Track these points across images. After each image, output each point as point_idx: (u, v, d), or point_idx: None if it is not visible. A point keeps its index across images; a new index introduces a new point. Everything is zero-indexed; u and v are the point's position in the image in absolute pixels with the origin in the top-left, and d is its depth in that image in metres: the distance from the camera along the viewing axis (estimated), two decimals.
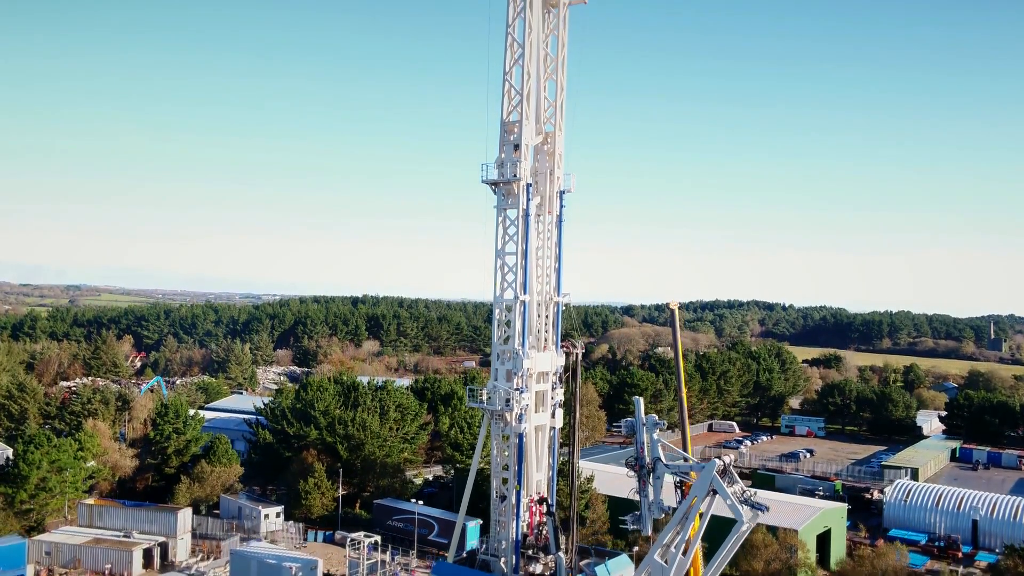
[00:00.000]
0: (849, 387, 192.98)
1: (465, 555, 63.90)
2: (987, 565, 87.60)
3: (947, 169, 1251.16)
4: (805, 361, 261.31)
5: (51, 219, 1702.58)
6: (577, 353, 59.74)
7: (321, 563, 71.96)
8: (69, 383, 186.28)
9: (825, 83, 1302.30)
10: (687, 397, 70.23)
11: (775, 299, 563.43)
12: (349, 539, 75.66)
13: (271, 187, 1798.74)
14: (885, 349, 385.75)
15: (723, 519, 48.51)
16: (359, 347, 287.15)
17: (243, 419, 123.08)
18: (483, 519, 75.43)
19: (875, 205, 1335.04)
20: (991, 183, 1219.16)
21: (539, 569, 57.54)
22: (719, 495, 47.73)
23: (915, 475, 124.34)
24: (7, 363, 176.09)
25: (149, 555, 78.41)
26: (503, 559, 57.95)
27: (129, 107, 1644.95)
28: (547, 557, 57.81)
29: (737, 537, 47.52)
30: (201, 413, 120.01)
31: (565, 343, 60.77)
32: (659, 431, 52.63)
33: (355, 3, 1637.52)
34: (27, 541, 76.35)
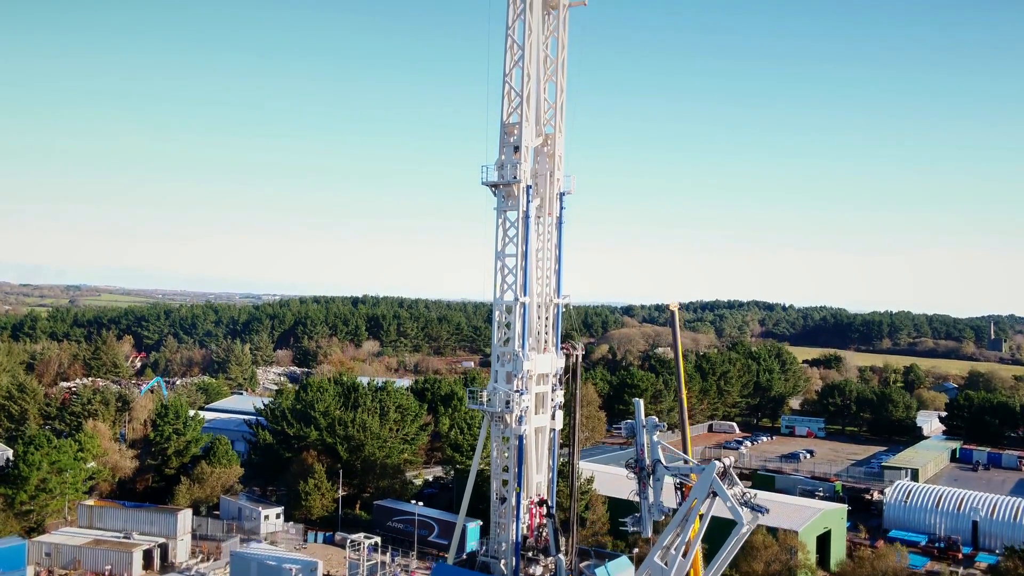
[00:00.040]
0: (849, 388, 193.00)
1: (465, 557, 63.88)
2: (987, 566, 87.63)
3: (947, 169, 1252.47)
4: (805, 361, 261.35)
5: (51, 219, 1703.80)
6: (577, 355, 59.71)
7: (321, 565, 71.97)
8: (69, 384, 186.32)
9: (825, 83, 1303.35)
10: (687, 398, 70.22)
11: (775, 299, 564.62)
12: (349, 540, 75.67)
13: (271, 187, 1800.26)
14: (885, 349, 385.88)
15: (723, 520, 48.50)
16: (359, 347, 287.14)
17: (243, 420, 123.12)
18: (483, 520, 75.43)
19: (875, 205, 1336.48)
20: (991, 183, 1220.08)
21: (539, 571, 57.55)
22: (719, 497, 47.78)
23: (915, 476, 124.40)
24: (7, 363, 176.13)
25: (149, 556, 78.46)
26: (503, 561, 57.95)
27: (129, 107, 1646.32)
28: (547, 559, 57.80)
29: (737, 539, 47.55)
30: (201, 414, 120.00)
31: (565, 345, 60.73)
32: (659, 433, 52.67)
33: (355, 3, 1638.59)
34: (27, 542, 76.45)
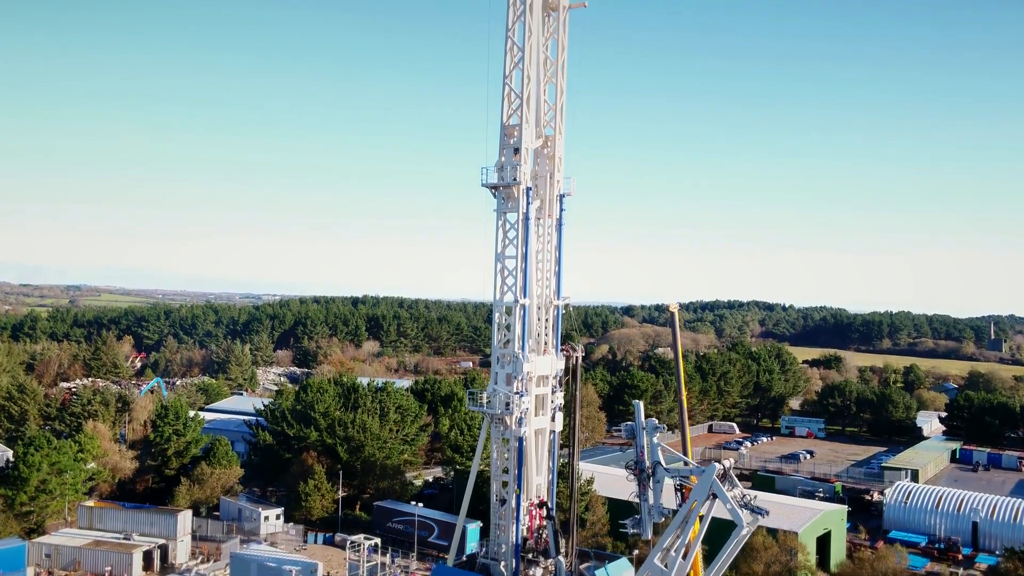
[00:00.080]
0: (849, 388, 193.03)
1: (465, 559, 63.86)
2: (987, 567, 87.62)
3: (947, 169, 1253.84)
4: (805, 362, 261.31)
5: (51, 219, 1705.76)
6: (577, 356, 59.67)
7: (321, 566, 71.89)
8: (69, 384, 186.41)
9: (825, 83, 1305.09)
10: (687, 399, 70.22)
11: (775, 299, 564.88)
12: (349, 542, 75.58)
13: (271, 187, 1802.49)
14: (885, 349, 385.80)
15: (723, 521, 48.48)
16: (359, 348, 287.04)
17: (243, 420, 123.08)
18: (483, 521, 75.41)
19: (875, 205, 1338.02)
20: (991, 183, 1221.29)
21: (539, 573, 57.52)
22: (719, 499, 47.78)
23: (915, 476, 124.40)
24: (7, 364, 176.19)
25: (149, 557, 78.42)
26: (503, 563, 57.94)
27: (129, 107, 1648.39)
28: (547, 561, 57.80)
29: (737, 541, 47.55)
30: (201, 415, 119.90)
31: (565, 346, 60.69)
32: (659, 434, 52.66)
33: (355, 3, 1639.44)
34: (27, 543, 76.48)
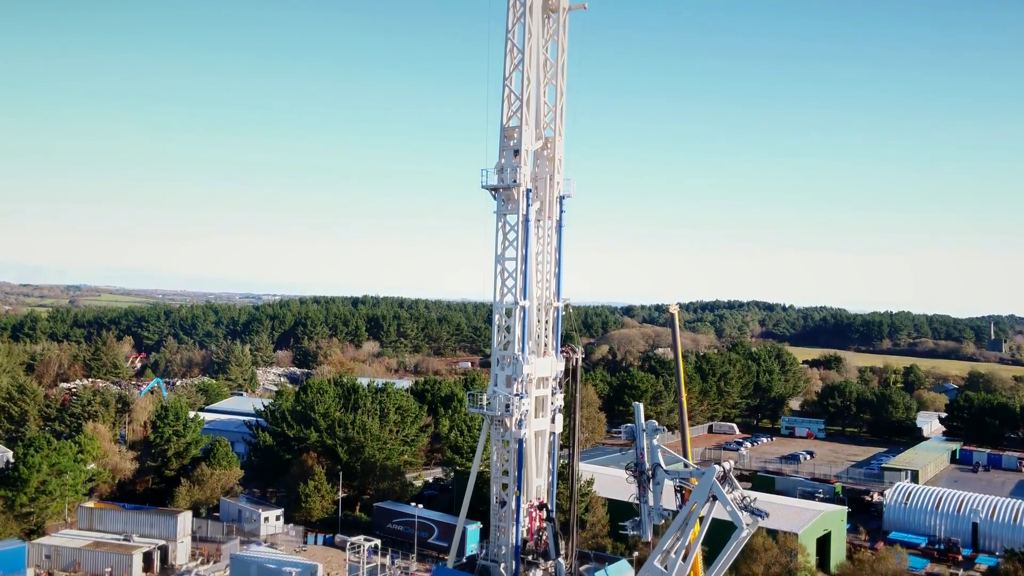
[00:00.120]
0: (849, 389, 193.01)
1: (465, 560, 63.84)
2: (987, 568, 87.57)
3: (947, 169, 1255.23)
4: (805, 362, 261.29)
5: (51, 219, 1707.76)
6: (577, 358, 59.66)
7: (321, 567, 71.86)
8: (69, 384, 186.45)
9: (825, 83, 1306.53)
10: (687, 400, 70.22)
11: (775, 299, 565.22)
12: (349, 543, 75.57)
13: (271, 187, 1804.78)
14: (885, 350, 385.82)
15: (724, 522, 48.47)
16: (359, 348, 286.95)
17: (243, 421, 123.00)
18: (483, 522, 75.40)
19: (875, 205, 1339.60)
20: (991, 183, 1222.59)
21: (539, 575, 57.55)
22: (719, 501, 47.77)
23: (915, 477, 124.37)
24: (7, 364, 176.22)
25: (149, 559, 78.40)
26: (503, 565, 57.94)
27: (129, 107, 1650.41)
28: (547, 563, 57.81)
29: (737, 543, 47.55)
30: (201, 415, 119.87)
31: (565, 348, 60.68)
32: (659, 436, 52.63)
33: (355, 3, 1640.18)
34: (27, 544, 76.51)
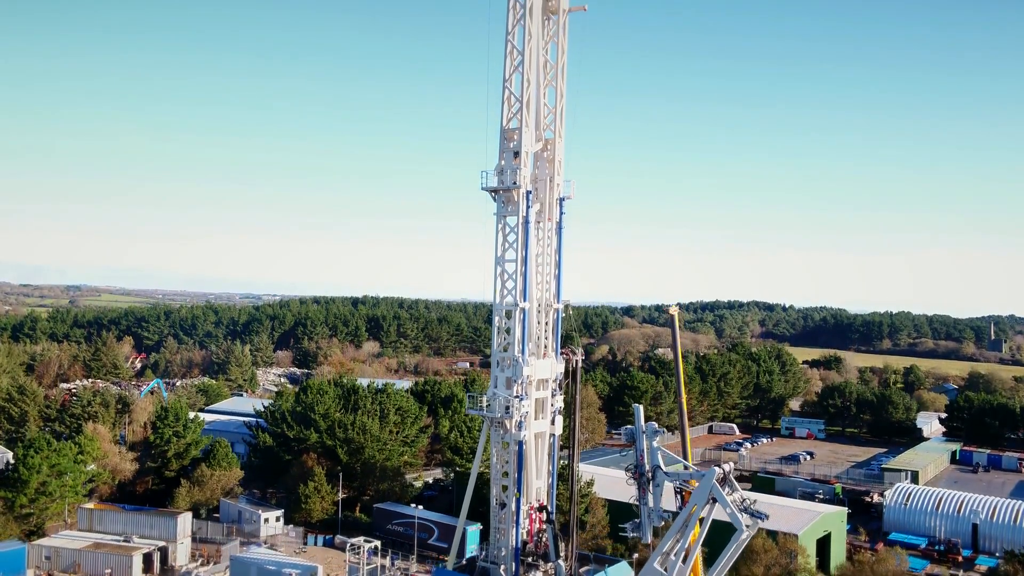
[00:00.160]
0: (849, 389, 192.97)
1: (464, 562, 63.87)
2: (987, 569, 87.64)
3: (947, 169, 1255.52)
4: (805, 362, 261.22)
5: (51, 219, 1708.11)
6: (577, 360, 59.68)
7: (321, 569, 71.78)
8: (69, 385, 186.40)
9: (825, 83, 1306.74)
10: (687, 401, 70.20)
11: (775, 299, 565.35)
12: (349, 544, 75.57)
13: (271, 187, 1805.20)
14: (885, 350, 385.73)
15: (724, 523, 48.47)
16: (359, 348, 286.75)
17: (243, 422, 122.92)
18: (483, 523, 75.40)
19: (875, 205, 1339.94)
20: (991, 183, 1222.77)
21: None
22: (719, 503, 47.78)
23: (915, 478, 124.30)
24: (7, 365, 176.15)
25: (149, 560, 78.30)
26: (503, 566, 57.97)
27: (129, 107, 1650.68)
28: (547, 565, 57.84)
29: (737, 545, 47.58)
30: (201, 416, 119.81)
31: (565, 350, 60.71)
32: (659, 438, 52.63)
33: (355, 3, 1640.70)
34: (27, 546, 76.45)
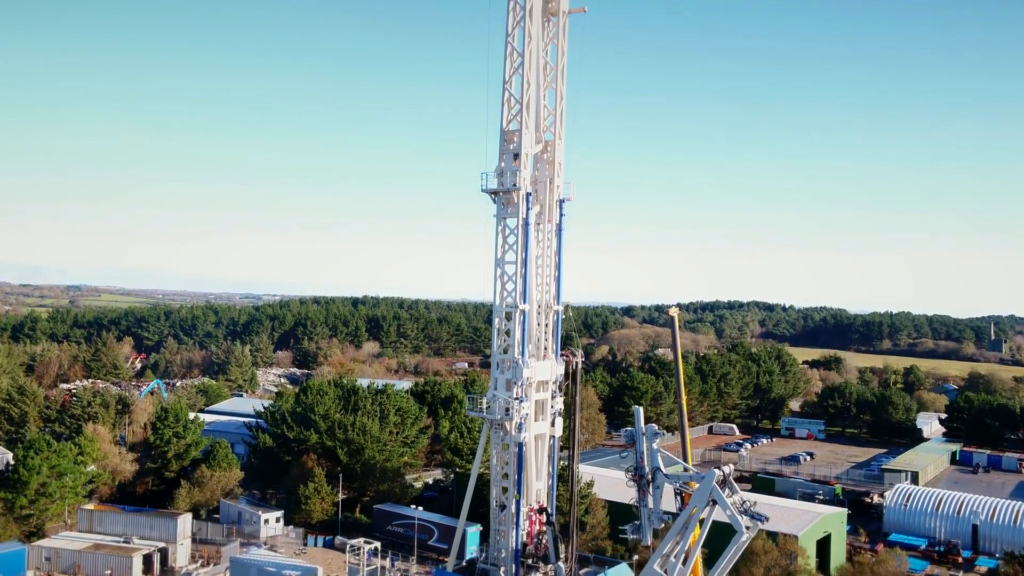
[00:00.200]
0: (849, 389, 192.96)
1: (464, 564, 63.88)
2: (987, 570, 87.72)
3: (947, 169, 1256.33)
4: (805, 363, 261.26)
5: (51, 219, 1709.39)
6: (576, 362, 59.68)
7: (321, 571, 71.75)
8: (69, 385, 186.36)
9: (825, 83, 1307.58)
10: (687, 402, 70.21)
11: (775, 299, 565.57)
12: (349, 545, 75.59)
13: (271, 187, 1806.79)
14: (885, 350, 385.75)
15: (725, 524, 48.46)
16: (359, 348, 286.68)
17: (243, 423, 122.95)
18: (483, 524, 75.41)
19: (875, 205, 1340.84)
20: (991, 183, 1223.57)
21: None
22: (719, 505, 47.78)
23: (915, 479, 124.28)
24: (7, 365, 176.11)
25: (149, 561, 78.30)
26: (503, 568, 57.97)
27: (129, 107, 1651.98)
28: (547, 566, 57.83)
29: (737, 547, 47.55)
30: (201, 416, 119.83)
31: (565, 351, 60.72)
32: (658, 441, 52.62)
33: (355, 3, 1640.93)
34: (27, 547, 76.46)
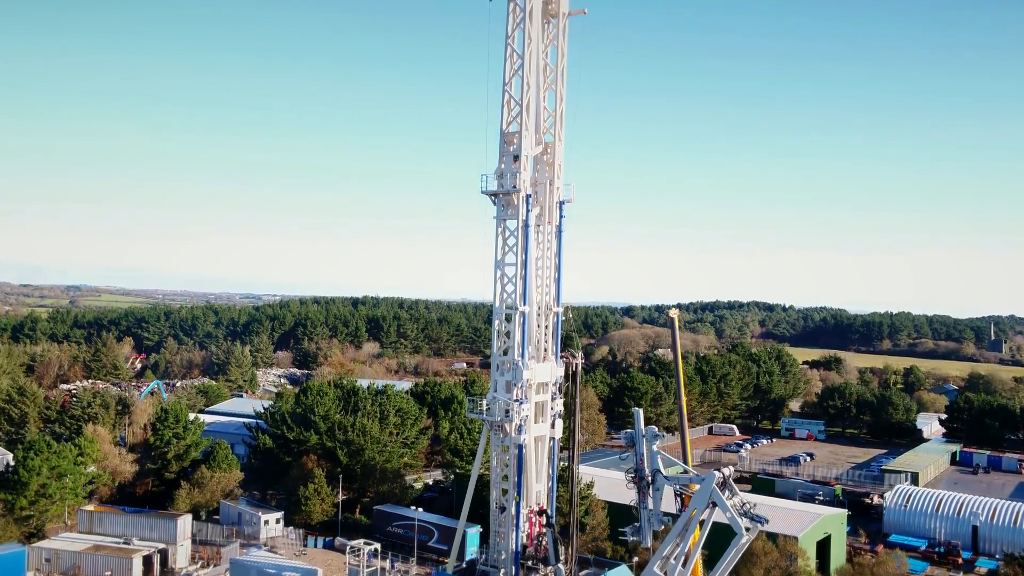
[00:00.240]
0: (849, 390, 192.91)
1: (464, 566, 63.90)
2: (987, 571, 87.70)
3: (947, 169, 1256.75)
4: (805, 363, 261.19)
5: (51, 219, 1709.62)
6: (576, 363, 59.69)
7: (321, 572, 71.70)
8: (69, 386, 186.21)
9: (825, 83, 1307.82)
10: (687, 403, 70.22)
11: (775, 300, 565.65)
12: (349, 546, 75.59)
13: (271, 187, 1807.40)
14: (885, 350, 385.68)
15: (725, 526, 48.47)
16: (359, 349, 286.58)
17: (243, 423, 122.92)
18: (483, 525, 75.40)
19: (875, 205, 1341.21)
20: (991, 183, 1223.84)
21: None
22: (719, 507, 47.79)
23: (915, 479, 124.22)
24: (7, 366, 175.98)
25: (149, 562, 78.22)
26: (503, 570, 57.99)
27: (129, 107, 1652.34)
28: (547, 568, 57.85)
29: (737, 549, 47.59)
30: (201, 417, 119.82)
31: (564, 353, 60.73)
32: (659, 443, 52.61)
33: (355, 3, 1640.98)
34: (27, 548, 76.35)
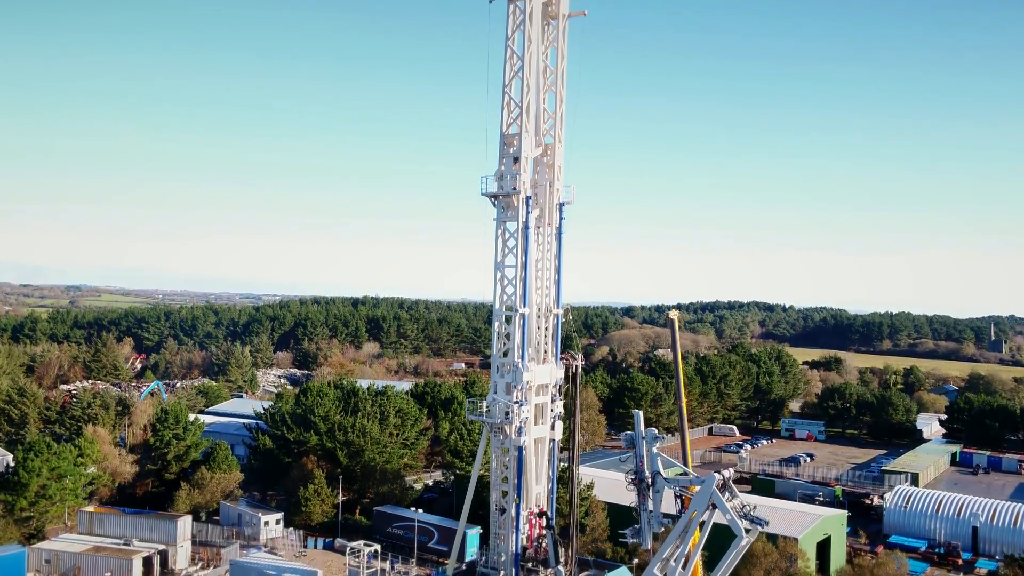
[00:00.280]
0: (849, 390, 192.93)
1: (464, 568, 63.92)
2: (987, 572, 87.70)
3: (947, 169, 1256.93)
4: (805, 363, 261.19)
5: (51, 219, 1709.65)
6: (577, 365, 59.69)
7: (321, 574, 71.74)
8: (69, 386, 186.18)
9: (825, 83, 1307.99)
10: (687, 404, 70.23)
11: (775, 300, 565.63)
12: (348, 548, 75.60)
13: (271, 187, 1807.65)
14: (885, 350, 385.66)
15: (725, 527, 48.44)
16: (359, 349, 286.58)
17: (243, 424, 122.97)
18: (483, 526, 75.42)
19: (875, 205, 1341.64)
20: (991, 183, 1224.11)
21: None
22: (719, 509, 47.79)
23: (915, 480, 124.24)
24: (7, 366, 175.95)
25: (149, 563, 78.22)
26: (503, 572, 57.99)
27: (129, 107, 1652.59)
28: (547, 570, 57.85)
29: (737, 551, 47.59)
30: (201, 418, 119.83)
31: (565, 355, 60.73)
32: (659, 444, 52.61)
33: (355, 3, 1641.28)
34: (27, 549, 76.33)
